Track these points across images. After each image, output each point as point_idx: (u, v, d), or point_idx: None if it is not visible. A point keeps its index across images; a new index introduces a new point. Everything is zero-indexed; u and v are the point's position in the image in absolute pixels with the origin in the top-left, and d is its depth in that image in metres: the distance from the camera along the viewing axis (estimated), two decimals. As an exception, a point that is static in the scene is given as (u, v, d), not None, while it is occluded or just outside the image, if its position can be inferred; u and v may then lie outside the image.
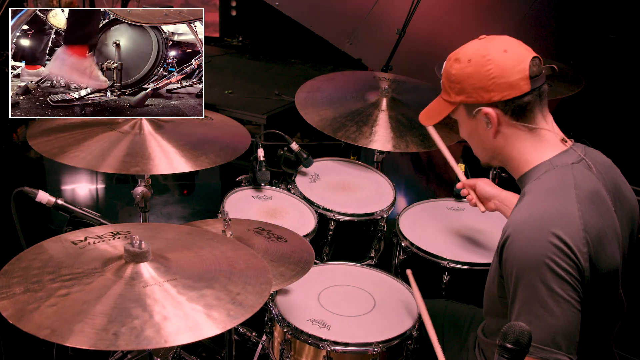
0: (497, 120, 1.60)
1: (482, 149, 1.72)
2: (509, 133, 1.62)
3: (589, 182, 1.57)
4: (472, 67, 1.59)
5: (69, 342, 1.27)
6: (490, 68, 1.56)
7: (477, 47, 1.61)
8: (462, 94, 1.63)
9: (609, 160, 1.69)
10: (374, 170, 2.91)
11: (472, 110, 1.63)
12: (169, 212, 4.02)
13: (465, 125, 1.71)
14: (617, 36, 3.91)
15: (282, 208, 2.58)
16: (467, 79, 1.60)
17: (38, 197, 1.90)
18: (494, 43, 1.60)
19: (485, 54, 1.58)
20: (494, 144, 1.66)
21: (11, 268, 1.49)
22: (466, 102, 1.63)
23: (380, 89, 2.82)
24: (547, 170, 1.59)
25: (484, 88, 1.58)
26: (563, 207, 1.50)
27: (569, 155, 1.60)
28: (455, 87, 1.64)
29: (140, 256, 1.50)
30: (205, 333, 1.35)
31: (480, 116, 1.62)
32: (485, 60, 1.57)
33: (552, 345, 1.44)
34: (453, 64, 1.64)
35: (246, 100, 4.83)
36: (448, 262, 2.29)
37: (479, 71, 1.58)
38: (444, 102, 1.71)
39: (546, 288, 1.44)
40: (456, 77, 1.63)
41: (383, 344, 1.93)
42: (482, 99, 1.59)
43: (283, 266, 1.91)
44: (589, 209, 1.51)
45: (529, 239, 1.47)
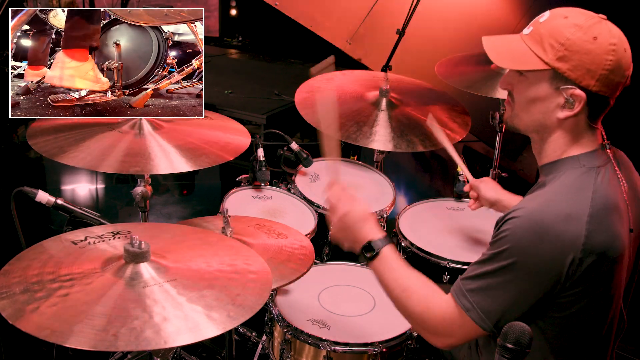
0: (581, 109, 1.50)
1: (535, 120, 1.58)
2: (573, 122, 1.54)
3: (609, 189, 1.52)
4: (596, 46, 1.45)
5: (69, 342, 1.27)
6: (611, 59, 1.45)
7: (604, 28, 1.47)
8: (565, 62, 1.47)
9: (630, 162, 1.67)
10: (374, 170, 2.91)
11: (562, 83, 1.50)
12: (169, 212, 4.02)
13: (537, 90, 1.55)
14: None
15: (282, 208, 2.58)
16: (584, 54, 1.45)
17: (38, 197, 1.90)
18: (619, 35, 1.48)
19: (613, 42, 1.46)
20: (551, 124, 1.56)
21: (11, 268, 1.49)
22: (563, 73, 1.49)
23: (380, 89, 2.82)
24: (573, 167, 1.54)
25: (592, 72, 1.46)
26: (574, 211, 1.46)
27: (598, 156, 1.55)
28: (561, 52, 1.47)
29: (140, 256, 1.50)
30: (205, 334, 1.35)
31: (564, 94, 1.50)
32: (611, 48, 1.45)
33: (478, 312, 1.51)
34: (571, 28, 1.47)
35: (246, 100, 4.83)
36: (448, 262, 2.29)
37: (600, 55, 1.45)
38: (534, 56, 1.52)
39: (517, 274, 1.46)
40: (570, 44, 1.46)
41: (383, 344, 1.93)
42: (583, 80, 1.47)
43: (283, 263, 1.91)
44: (598, 221, 1.47)
45: (529, 230, 1.46)
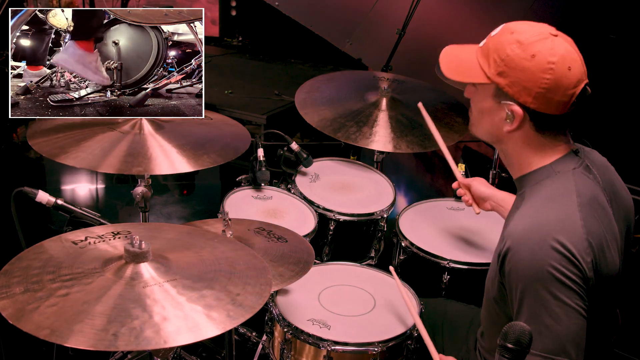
0: (519, 124, 1.52)
1: (486, 132, 1.62)
2: (523, 136, 1.55)
3: (589, 188, 1.53)
4: (532, 64, 1.46)
5: (69, 342, 1.27)
6: (548, 78, 1.45)
7: (546, 46, 1.46)
8: (504, 77, 1.50)
9: (604, 160, 1.67)
10: (374, 170, 2.91)
11: (502, 98, 1.52)
12: (169, 212, 4.02)
13: (483, 102, 1.58)
14: (617, 36, 3.90)
15: (282, 208, 2.58)
16: (520, 71, 1.47)
17: (38, 197, 1.90)
18: (563, 51, 1.46)
19: (552, 61, 1.45)
20: (501, 136, 1.58)
21: (11, 268, 1.49)
22: (502, 88, 1.51)
23: (380, 89, 2.82)
24: (548, 175, 1.54)
25: (528, 90, 1.47)
26: (566, 215, 1.47)
27: (570, 160, 1.56)
28: (501, 67, 1.49)
29: (140, 256, 1.50)
30: (205, 334, 1.35)
31: (506, 109, 1.52)
32: (548, 67, 1.45)
33: (563, 354, 1.42)
34: (513, 44, 1.48)
35: (246, 100, 4.83)
36: (448, 262, 2.29)
37: (536, 74, 1.46)
38: (479, 69, 1.55)
39: (553, 297, 1.41)
40: (508, 61, 1.48)
41: (383, 344, 1.93)
42: (519, 97, 1.49)
43: (283, 266, 1.91)
44: (590, 217, 1.48)
45: (532, 250, 1.43)
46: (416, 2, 3.07)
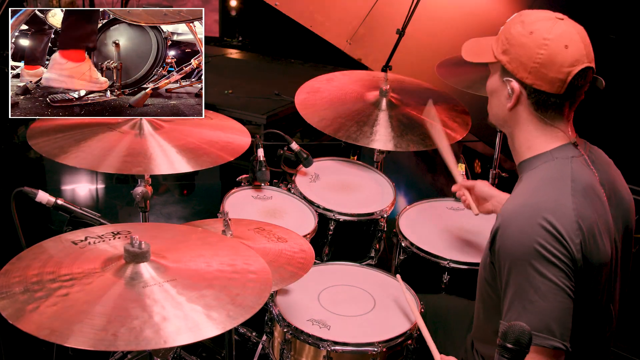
0: (518, 99, 1.59)
1: (496, 113, 1.70)
2: (524, 116, 1.61)
3: (585, 176, 1.57)
4: (529, 40, 1.54)
5: (69, 342, 1.27)
6: (542, 53, 1.52)
7: (546, 25, 1.54)
8: (506, 55, 1.59)
9: (609, 160, 1.70)
10: (374, 170, 2.91)
11: (505, 75, 1.60)
12: (169, 212, 4.02)
13: (492, 82, 1.67)
14: (617, 36, 3.90)
15: (282, 208, 2.58)
16: (517, 47, 1.56)
17: (38, 197, 1.90)
18: (562, 31, 1.53)
19: (547, 37, 1.52)
20: (507, 115, 1.64)
21: (11, 268, 1.49)
22: (504, 65, 1.60)
23: (380, 89, 2.82)
24: (546, 160, 1.59)
25: (524, 65, 1.55)
26: (557, 196, 1.51)
27: (570, 149, 1.60)
28: (505, 46, 1.59)
29: (140, 256, 1.50)
30: (204, 334, 1.35)
31: (508, 86, 1.60)
32: (543, 43, 1.52)
33: (545, 331, 1.44)
34: (517, 25, 1.59)
35: (246, 100, 4.83)
36: (448, 262, 2.29)
37: (531, 48, 1.53)
38: (490, 50, 1.66)
39: (539, 274, 1.45)
40: (510, 38, 1.58)
41: (383, 344, 1.93)
42: (518, 73, 1.56)
43: (283, 266, 1.91)
44: (582, 201, 1.52)
45: (521, 227, 1.48)
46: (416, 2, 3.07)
